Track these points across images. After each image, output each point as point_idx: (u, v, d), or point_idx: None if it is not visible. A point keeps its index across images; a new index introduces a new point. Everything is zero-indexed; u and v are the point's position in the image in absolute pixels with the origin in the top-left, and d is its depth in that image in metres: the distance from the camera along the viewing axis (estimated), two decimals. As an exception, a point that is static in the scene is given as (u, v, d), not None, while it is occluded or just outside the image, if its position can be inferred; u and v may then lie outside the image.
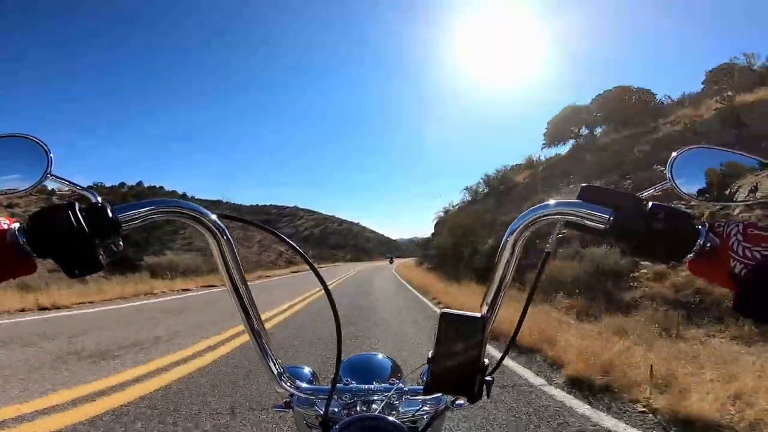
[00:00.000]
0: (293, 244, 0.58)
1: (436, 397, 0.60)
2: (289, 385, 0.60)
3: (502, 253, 0.50)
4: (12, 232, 0.40)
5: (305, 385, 0.62)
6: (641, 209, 0.43)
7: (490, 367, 0.45)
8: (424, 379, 0.67)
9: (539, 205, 0.48)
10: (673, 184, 0.44)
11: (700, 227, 0.41)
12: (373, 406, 0.57)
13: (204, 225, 0.48)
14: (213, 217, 0.49)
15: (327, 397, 0.56)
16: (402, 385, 0.60)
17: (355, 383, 0.63)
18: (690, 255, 0.42)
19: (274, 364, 0.58)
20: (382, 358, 0.78)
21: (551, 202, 0.47)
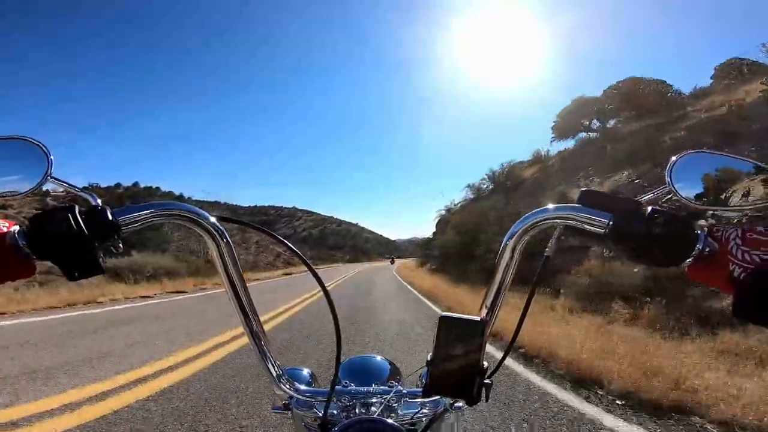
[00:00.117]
0: (291, 245, 0.58)
1: (434, 399, 0.60)
2: (288, 387, 0.60)
3: (502, 256, 0.51)
4: (12, 234, 0.40)
5: (304, 387, 0.62)
6: (640, 213, 0.43)
7: (489, 370, 0.46)
8: (423, 381, 0.67)
9: (538, 209, 0.48)
10: (672, 188, 0.44)
11: (699, 231, 0.42)
12: (372, 408, 0.58)
13: (203, 228, 0.48)
14: (212, 219, 0.49)
15: (326, 399, 0.56)
16: (401, 388, 0.60)
17: (354, 385, 0.63)
18: (689, 259, 0.42)
19: (273, 366, 0.58)
20: (380, 361, 0.78)
21: (550, 207, 0.48)
